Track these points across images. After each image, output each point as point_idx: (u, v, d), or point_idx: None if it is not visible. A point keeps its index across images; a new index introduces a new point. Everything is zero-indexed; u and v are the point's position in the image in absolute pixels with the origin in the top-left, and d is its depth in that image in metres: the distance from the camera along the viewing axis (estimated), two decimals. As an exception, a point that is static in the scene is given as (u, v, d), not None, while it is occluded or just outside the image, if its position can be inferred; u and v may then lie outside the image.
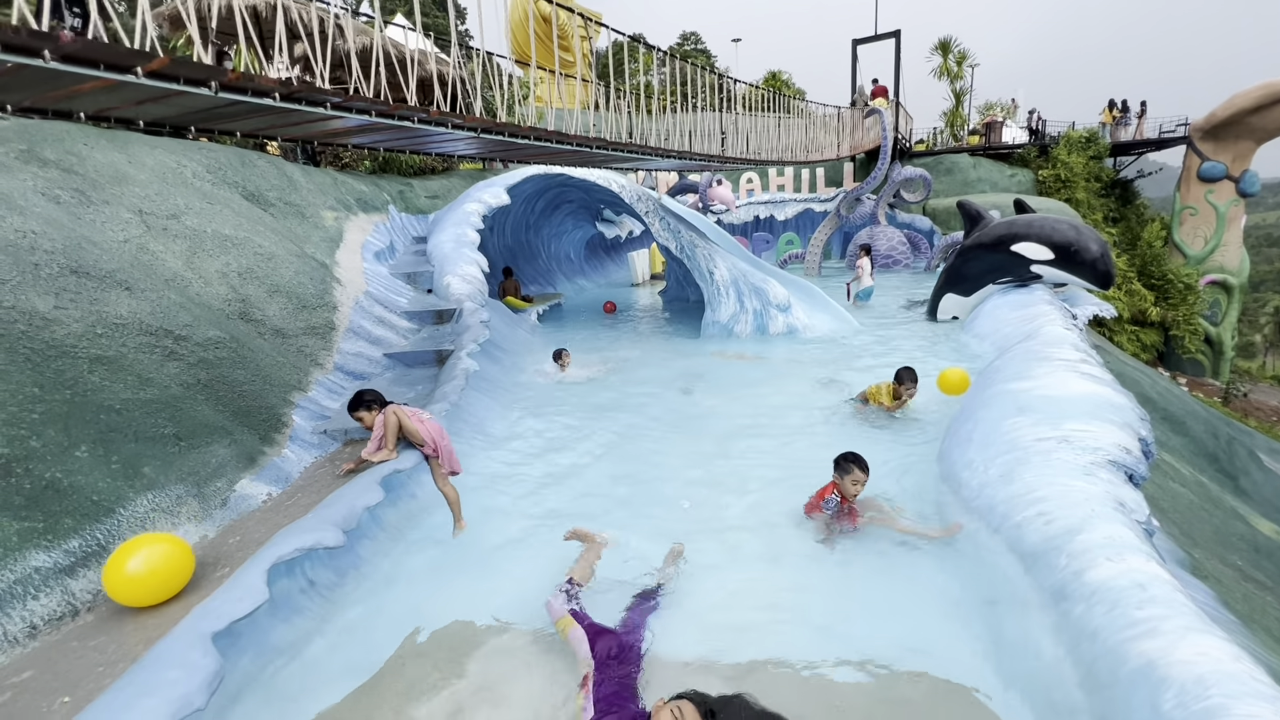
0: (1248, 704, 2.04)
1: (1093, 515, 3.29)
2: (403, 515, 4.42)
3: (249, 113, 4.04)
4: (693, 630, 3.30)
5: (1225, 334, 22.09)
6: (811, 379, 7.69)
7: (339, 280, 8.09)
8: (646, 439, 6.05)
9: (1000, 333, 8.23)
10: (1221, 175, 21.06)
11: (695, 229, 11.05)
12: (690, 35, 48.62)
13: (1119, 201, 23.27)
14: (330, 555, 3.65)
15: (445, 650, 3.21)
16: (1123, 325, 20.11)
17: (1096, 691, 2.52)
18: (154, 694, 2.31)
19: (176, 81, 3.21)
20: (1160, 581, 2.75)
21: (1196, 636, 2.39)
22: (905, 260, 17.88)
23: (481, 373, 6.84)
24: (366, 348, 7.41)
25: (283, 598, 3.29)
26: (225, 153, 8.60)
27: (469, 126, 5.14)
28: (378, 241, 10.31)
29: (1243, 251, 22.25)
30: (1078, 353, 5.35)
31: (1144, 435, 4.15)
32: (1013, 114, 25.95)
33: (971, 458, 4.39)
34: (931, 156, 23.02)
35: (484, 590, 3.70)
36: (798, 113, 16.27)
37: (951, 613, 3.40)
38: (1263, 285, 61.78)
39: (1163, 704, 2.19)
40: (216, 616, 2.73)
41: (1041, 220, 9.66)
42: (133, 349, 4.58)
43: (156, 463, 4.09)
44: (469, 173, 15.50)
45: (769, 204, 21.27)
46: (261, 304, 6.48)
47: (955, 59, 26.36)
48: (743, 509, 4.61)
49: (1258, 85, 19.95)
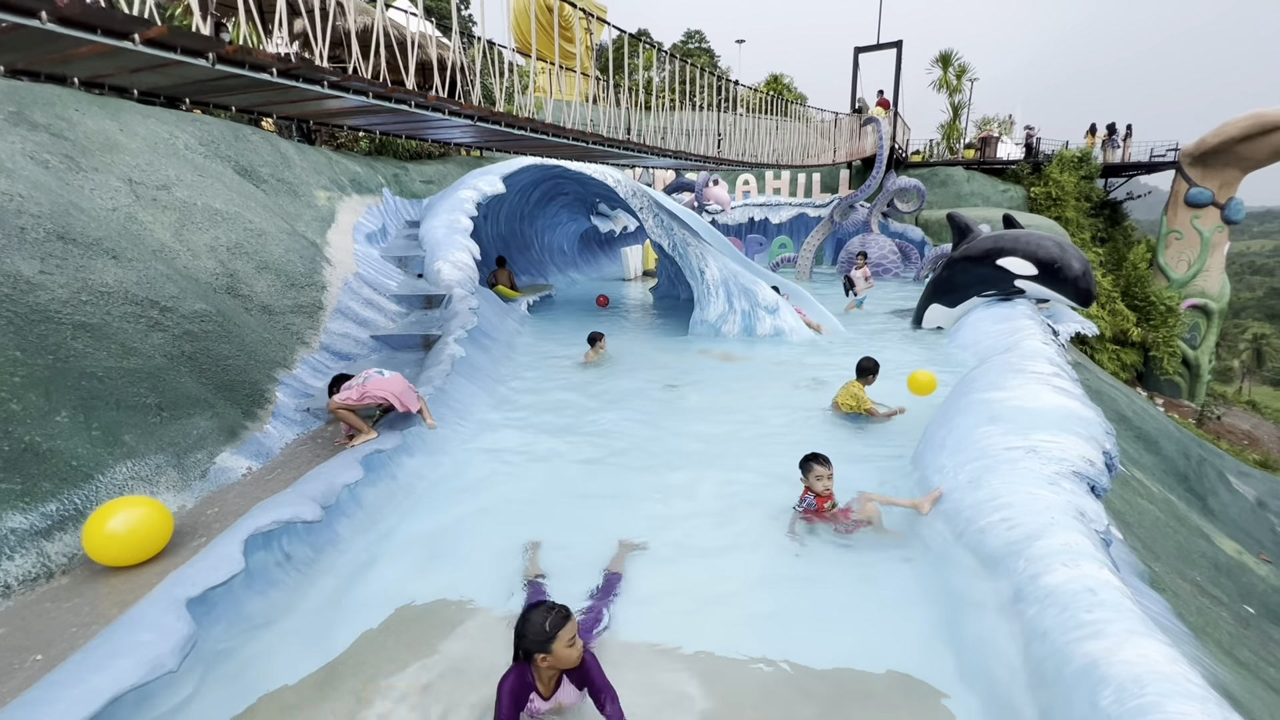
0: (1179, 703, 2.15)
1: (1053, 523, 3.41)
2: (382, 495, 4.46)
3: (245, 87, 4.04)
4: (659, 622, 3.37)
5: (1203, 357, 22.55)
6: (794, 382, 7.79)
7: (329, 260, 8.08)
8: (627, 433, 6.11)
9: (981, 344, 8.38)
10: (1208, 201, 21.46)
11: (689, 227, 11.11)
12: (695, 33, 48.59)
13: (1108, 222, 23.63)
14: (308, 530, 3.69)
15: (417, 629, 3.26)
16: (1104, 344, 20.46)
17: (1043, 689, 2.63)
18: (126, 655, 2.35)
19: (173, 51, 3.22)
20: (1110, 587, 2.86)
21: (1138, 639, 2.50)
22: (895, 269, 18.06)
23: (468, 359, 6.88)
24: (354, 329, 7.41)
25: (259, 570, 3.34)
26: (219, 126, 8.53)
27: (466, 114, 5.16)
28: (370, 224, 10.28)
29: (1224, 277, 22.70)
30: (1051, 366, 5.49)
31: (1108, 448, 4.28)
32: (1009, 130, 26.23)
33: (943, 463, 4.51)
34: (927, 168, 23.23)
35: (458, 573, 3.76)
36: (796, 117, 16.37)
37: (916, 611, 3.50)
38: (1244, 312, 63.00)
39: (1101, 701, 2.30)
40: (192, 583, 2.77)
41: (1027, 236, 9.83)
42: (117, 317, 4.58)
43: (137, 431, 4.10)
44: (466, 159, 15.45)
45: (764, 206, 21.37)
46: (249, 280, 6.47)
47: (955, 72, 26.58)
48: (716, 505, 4.69)
49: (1247, 115, 20.34)
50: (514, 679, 2.50)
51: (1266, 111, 20.01)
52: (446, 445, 5.47)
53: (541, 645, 2.45)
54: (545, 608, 2.54)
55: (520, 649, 2.51)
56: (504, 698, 2.46)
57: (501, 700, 2.45)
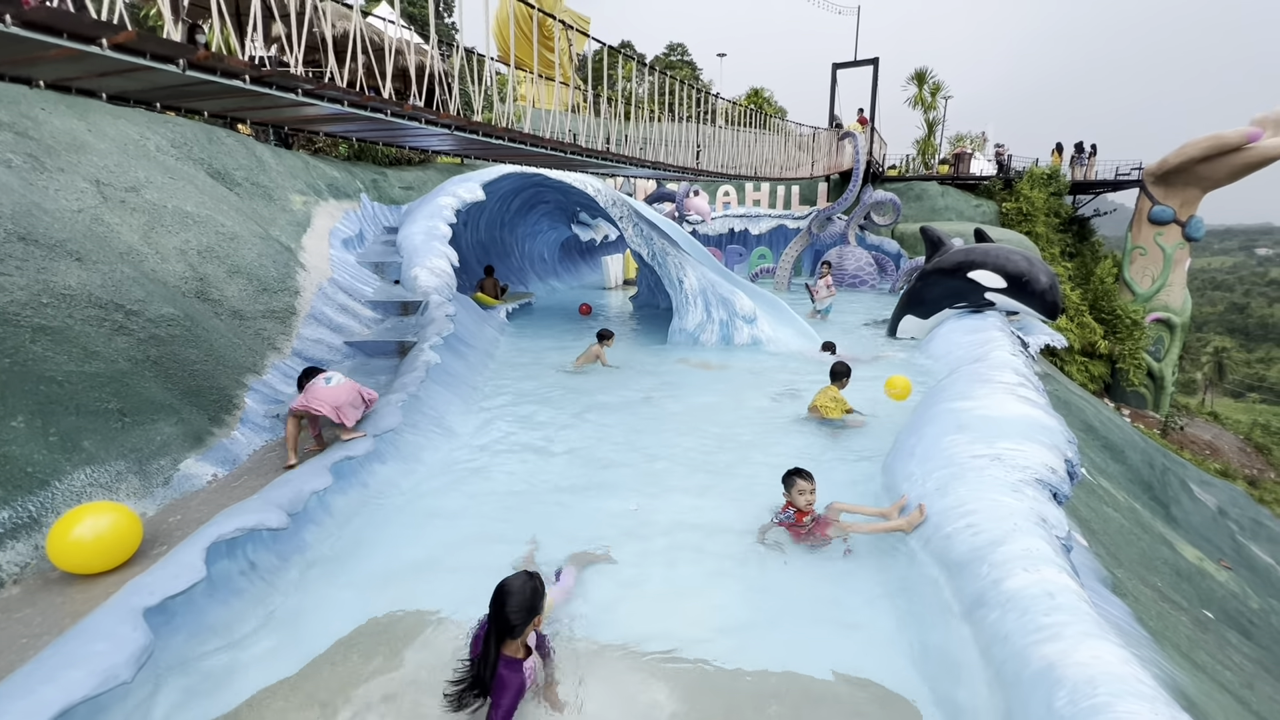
0: (1129, 702, 2.22)
1: (1015, 529, 3.49)
2: (352, 502, 4.41)
3: (218, 93, 4.01)
4: (627, 629, 3.37)
5: (1167, 370, 23.24)
6: (771, 390, 7.86)
7: (303, 265, 7.98)
8: (603, 441, 6.11)
9: (953, 355, 8.55)
10: (1170, 219, 22.21)
11: (668, 237, 11.20)
12: (677, 46, 49.14)
13: (1076, 237, 24.32)
14: (274, 538, 3.63)
15: (383, 639, 3.22)
16: (1073, 356, 20.99)
17: (1003, 691, 2.69)
18: (79, 665, 2.29)
19: (143, 56, 3.18)
20: (1068, 591, 2.94)
21: (1093, 642, 2.57)
22: (871, 281, 18.36)
23: (444, 366, 6.83)
24: (327, 334, 7.32)
25: (222, 578, 3.27)
26: (192, 128, 8.42)
27: (443, 123, 5.16)
28: (347, 229, 10.19)
29: (1186, 292, 23.47)
30: (1017, 376, 5.63)
31: (1070, 456, 4.40)
32: (981, 147, 26.94)
33: (912, 470, 4.59)
34: (902, 182, 23.71)
35: (428, 582, 3.72)
36: (776, 130, 16.62)
37: (885, 616, 3.54)
38: (1205, 326, 65.13)
39: (1056, 702, 2.36)
40: (150, 591, 2.70)
41: (998, 250, 10.08)
42: (80, 321, 4.47)
43: (97, 437, 4.00)
44: (446, 166, 15.40)
45: (744, 218, 21.61)
46: (220, 284, 6.37)
47: (930, 90, 27.26)
48: (692, 513, 4.70)
49: (1207, 136, 21.13)
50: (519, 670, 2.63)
51: (1225, 134, 20.81)
52: (420, 453, 5.42)
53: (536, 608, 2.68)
54: (523, 575, 2.74)
55: (507, 621, 2.60)
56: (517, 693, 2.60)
57: (513, 696, 2.58)
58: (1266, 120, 20.75)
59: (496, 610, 2.62)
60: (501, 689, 2.56)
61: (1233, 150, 20.62)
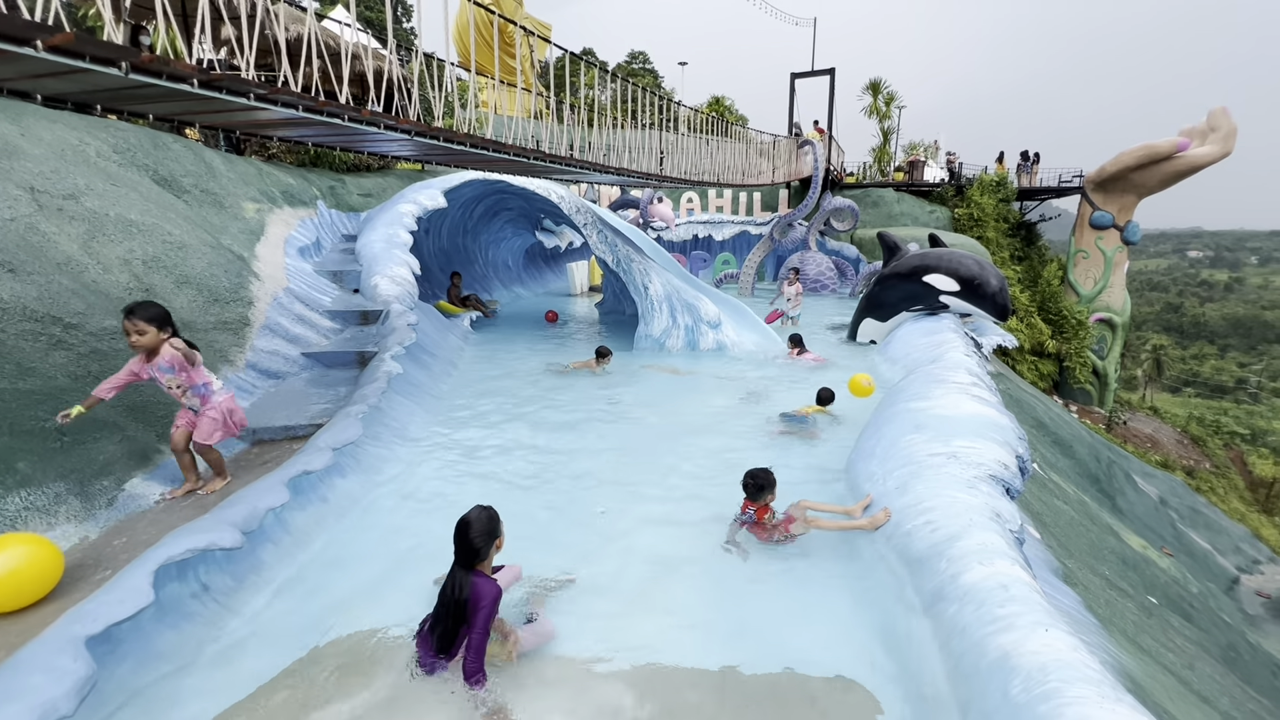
0: (1078, 688, 2.31)
1: (971, 524, 3.61)
2: (311, 519, 4.27)
3: (163, 97, 3.87)
4: (594, 635, 3.36)
5: (1110, 367, 24.38)
6: (736, 394, 7.96)
7: (257, 275, 7.73)
8: (569, 449, 6.08)
9: (910, 356, 8.80)
10: (1109, 224, 23.35)
11: (632, 244, 11.24)
12: (639, 54, 49.52)
13: (1024, 242, 25.37)
14: (227, 558, 3.49)
15: (344, 661, 3.12)
16: (1024, 355, 21.85)
17: (961, 682, 2.77)
18: (15, 700, 2.16)
19: (82, 59, 3.05)
20: (1020, 583, 3.05)
21: (1044, 631, 2.67)
22: (832, 285, 18.79)
23: (406, 376, 6.70)
24: (283, 346, 7.10)
25: (171, 602, 3.13)
26: (136, 133, 8.08)
27: (402, 129, 5.09)
28: (303, 237, 9.91)
29: (1126, 294, 24.69)
30: (970, 376, 5.83)
31: (1021, 453, 4.58)
32: (934, 155, 27.90)
33: (873, 470, 4.71)
34: (860, 189, 24.36)
35: (392, 599, 3.62)
36: (737, 137, 16.88)
37: (850, 614, 3.61)
38: (1144, 325, 68.62)
39: (1012, 691, 2.44)
40: (92, 619, 2.57)
41: (950, 254, 10.44)
42: (13, 335, 4.24)
43: (33, 458, 3.79)
44: (406, 172, 15.15)
45: (707, 224, 21.86)
46: (167, 295, 6.11)
47: (884, 99, 28.12)
48: (659, 517, 4.72)
49: (1139, 146, 22.31)
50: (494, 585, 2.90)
51: (1156, 143, 22.02)
52: (383, 465, 5.30)
53: (494, 532, 3.02)
54: (478, 508, 3.07)
55: (472, 548, 2.91)
56: (494, 603, 2.86)
57: (490, 606, 2.84)
58: (1193, 131, 22.05)
59: (460, 540, 2.93)
60: (476, 601, 2.83)
61: (1164, 159, 21.82)
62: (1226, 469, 24.73)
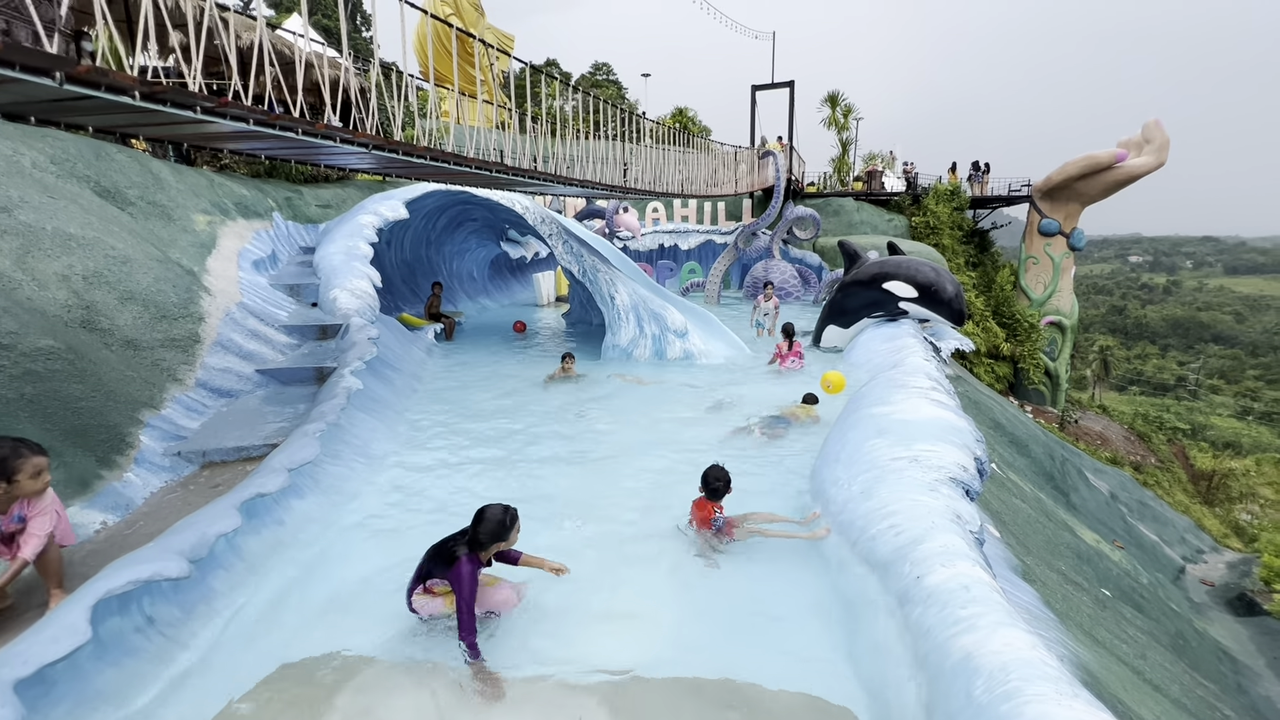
0: (1037, 685, 2.36)
1: (933, 527, 3.68)
2: (266, 543, 4.10)
3: (104, 109, 3.70)
4: (564, 647, 3.32)
5: (1061, 368, 25.36)
6: (704, 403, 7.99)
7: (208, 289, 7.45)
8: (536, 460, 6.01)
9: (872, 362, 8.99)
10: (1056, 231, 24.38)
11: (598, 254, 11.23)
12: (603, 66, 49.78)
13: (978, 249, 26.27)
14: (174, 589, 3.32)
15: (305, 686, 3.01)
16: (980, 358, 22.56)
17: (928, 685, 2.81)
18: (-68, 754, 2.00)
19: (12, 68, 2.90)
20: (981, 583, 3.12)
21: (1004, 630, 2.73)
22: (796, 293, 19.10)
23: (368, 392, 6.53)
24: (236, 363, 6.85)
25: (113, 638, 2.96)
26: (76, 143, 7.73)
27: (359, 142, 4.98)
28: (258, 250, 9.61)
29: (1074, 297, 25.77)
30: (930, 380, 5.97)
31: (979, 455, 4.70)
32: (891, 165, 28.70)
33: (838, 475, 4.77)
34: (821, 199, 24.89)
35: (353, 620, 3.52)
36: (700, 148, 17.08)
37: (820, 620, 3.65)
38: (1091, 327, 71.65)
39: (975, 690, 2.48)
40: (23, 661, 2.41)
41: (908, 262, 10.72)
42: (-62, 358, 3.98)
43: (-40, 489, 3.54)
44: (366, 183, 14.85)
45: (673, 233, 22.01)
46: (110, 312, 5.84)
47: (842, 111, 28.87)
48: (628, 525, 4.70)
49: (1082, 156, 23.41)
50: (473, 565, 3.18)
51: (1097, 154, 23.14)
52: (343, 484, 5.14)
53: (500, 536, 3.31)
54: (501, 507, 3.37)
55: (477, 538, 3.25)
56: (470, 581, 3.14)
57: (468, 583, 3.12)
58: (1131, 143, 23.24)
59: (472, 524, 3.31)
60: (456, 578, 3.14)
61: (1105, 169, 22.94)
62: (1170, 463, 25.91)
